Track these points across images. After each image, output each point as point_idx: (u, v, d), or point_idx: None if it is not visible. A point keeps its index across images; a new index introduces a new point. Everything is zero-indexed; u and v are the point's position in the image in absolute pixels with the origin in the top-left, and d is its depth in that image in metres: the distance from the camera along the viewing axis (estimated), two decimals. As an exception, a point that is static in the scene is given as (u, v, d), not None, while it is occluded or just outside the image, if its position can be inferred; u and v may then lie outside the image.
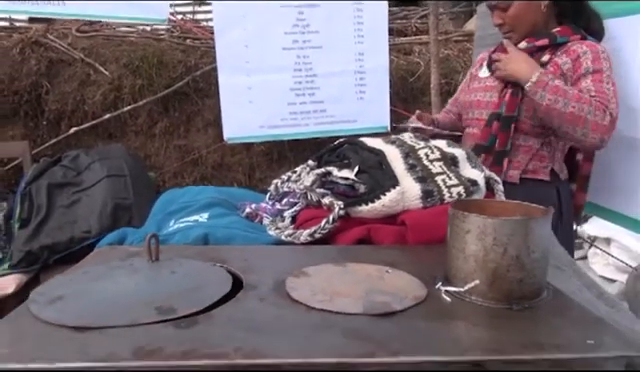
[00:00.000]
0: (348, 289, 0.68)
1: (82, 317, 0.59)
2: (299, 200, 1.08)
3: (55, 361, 0.52)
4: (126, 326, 0.58)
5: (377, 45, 2.50)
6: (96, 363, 0.51)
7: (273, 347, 0.54)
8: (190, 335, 0.57)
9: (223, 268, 0.75)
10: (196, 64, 2.71)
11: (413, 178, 0.98)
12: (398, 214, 0.96)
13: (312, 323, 0.60)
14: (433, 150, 1.05)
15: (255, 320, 0.60)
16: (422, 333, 0.58)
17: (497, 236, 0.64)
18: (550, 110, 1.29)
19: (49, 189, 2.21)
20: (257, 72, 2.45)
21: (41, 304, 0.63)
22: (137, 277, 0.71)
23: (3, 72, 2.57)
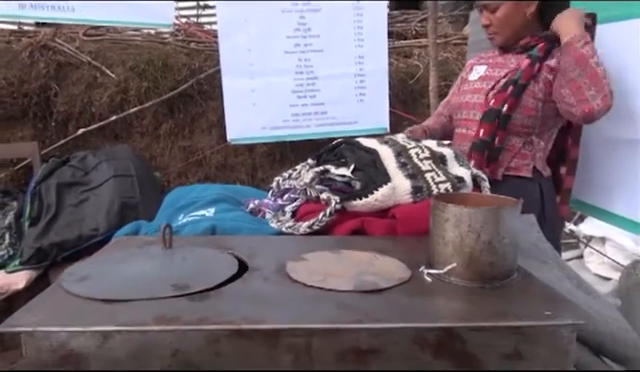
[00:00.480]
0: (341, 271, 0.78)
1: (108, 292, 0.70)
2: (299, 196, 1.18)
3: (89, 325, 0.62)
4: (147, 299, 0.68)
5: (377, 48, 2.60)
6: (124, 327, 0.61)
7: (274, 316, 0.64)
8: (203, 307, 0.67)
9: (230, 254, 0.85)
10: (200, 67, 2.81)
11: (404, 175, 1.08)
12: (390, 208, 1.06)
13: (308, 297, 0.70)
14: (423, 149, 1.15)
15: (259, 295, 0.70)
16: (404, 306, 0.68)
17: (471, 224, 0.74)
18: (584, 59, 1.36)
19: (58, 188, 2.31)
20: (260, 75, 2.56)
21: (71, 282, 0.73)
22: (153, 261, 0.82)
23: (13, 75, 2.68)
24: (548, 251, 1.33)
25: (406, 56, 3.06)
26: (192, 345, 0.62)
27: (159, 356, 0.62)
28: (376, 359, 0.64)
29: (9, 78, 2.67)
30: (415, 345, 0.63)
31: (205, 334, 0.62)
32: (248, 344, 0.62)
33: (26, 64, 2.71)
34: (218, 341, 0.62)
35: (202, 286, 0.72)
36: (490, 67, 1.60)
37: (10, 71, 2.69)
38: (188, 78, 2.78)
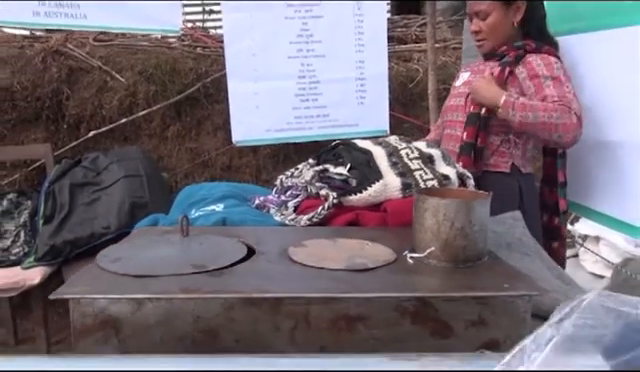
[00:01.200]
0: (335, 255, 0.93)
1: (138, 269, 0.85)
2: (301, 192, 1.33)
3: (125, 293, 0.77)
4: (172, 275, 0.83)
5: (377, 54, 2.75)
6: (154, 295, 0.76)
7: (277, 288, 0.79)
8: (218, 281, 0.82)
9: (239, 241, 1.00)
10: (206, 71, 2.96)
11: (395, 173, 1.23)
12: (381, 202, 1.21)
13: (306, 275, 0.84)
14: (413, 150, 1.30)
15: (264, 273, 0.85)
16: (387, 281, 0.83)
17: (446, 213, 0.89)
18: (523, 125, 1.52)
19: (71, 188, 2.46)
20: (264, 79, 2.71)
21: (106, 262, 0.88)
22: (174, 247, 0.97)
23: (26, 79, 2.84)
24: (531, 245, 1.48)
25: (406, 60, 3.21)
26: (210, 312, 0.77)
27: (183, 321, 0.77)
28: (363, 324, 0.78)
29: (23, 82, 2.83)
30: (396, 312, 0.78)
31: (221, 302, 0.77)
32: (256, 311, 0.77)
33: (39, 69, 2.87)
34: (232, 308, 0.77)
35: (217, 266, 0.86)
36: (473, 73, 1.75)
37: (24, 75, 2.85)
38: (195, 82, 2.93)
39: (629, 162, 1.74)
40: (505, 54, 1.67)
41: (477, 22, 1.69)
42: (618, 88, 1.72)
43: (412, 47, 3.25)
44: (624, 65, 1.67)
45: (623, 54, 1.66)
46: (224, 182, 1.72)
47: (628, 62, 1.65)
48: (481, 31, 1.69)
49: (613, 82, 1.74)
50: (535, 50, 1.65)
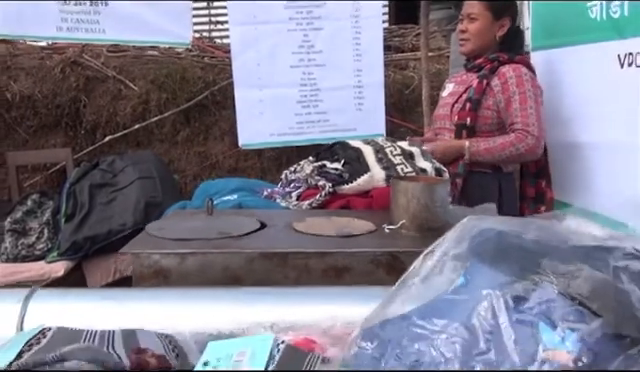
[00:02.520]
0: (329, 227, 1.25)
1: (179, 235, 1.17)
2: (302, 184, 1.66)
3: (172, 249, 1.09)
4: (204, 239, 1.15)
5: (373, 63, 3.09)
6: (194, 250, 1.08)
7: (284, 246, 1.11)
8: (240, 242, 1.14)
9: (254, 218, 1.32)
10: (214, 80, 3.31)
11: (380, 167, 1.56)
12: (369, 191, 1.53)
13: (306, 239, 1.17)
14: (396, 148, 1.62)
15: (275, 237, 1.18)
16: (367, 243, 1.15)
17: (413, 193, 1.21)
18: (492, 162, 1.91)
19: (90, 189, 2.79)
20: (268, 87, 3.06)
21: (154, 231, 1.21)
22: (203, 221, 1.29)
23: (47, 88, 3.20)
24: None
25: (402, 68, 3.54)
26: (235, 263, 1.09)
27: (214, 271, 1.09)
28: (348, 274, 1.10)
29: (43, 91, 3.19)
30: (372, 264, 1.10)
31: (243, 256, 1.09)
32: (269, 263, 1.09)
33: (58, 79, 3.22)
34: (251, 261, 1.09)
35: (238, 233, 1.19)
36: (456, 84, 2.08)
37: (44, 85, 3.20)
38: (203, 90, 3.28)
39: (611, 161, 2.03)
40: (482, 67, 2.00)
41: (466, 23, 2.03)
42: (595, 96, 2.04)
43: (408, 55, 3.59)
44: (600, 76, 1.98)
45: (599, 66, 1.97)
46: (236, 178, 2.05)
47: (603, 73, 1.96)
48: (467, 31, 2.03)
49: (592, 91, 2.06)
50: (508, 61, 1.98)
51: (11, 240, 2.83)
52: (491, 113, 1.96)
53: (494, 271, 0.55)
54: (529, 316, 0.49)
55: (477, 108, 1.95)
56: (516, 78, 1.93)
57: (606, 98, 1.98)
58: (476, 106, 1.95)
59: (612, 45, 1.88)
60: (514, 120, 1.91)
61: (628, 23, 1.81)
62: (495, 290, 0.52)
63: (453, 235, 0.65)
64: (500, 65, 1.98)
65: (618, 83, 1.88)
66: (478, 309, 0.52)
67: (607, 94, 1.97)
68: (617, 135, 1.94)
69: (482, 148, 1.90)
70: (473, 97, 1.95)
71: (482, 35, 2.01)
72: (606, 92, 1.97)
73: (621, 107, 1.88)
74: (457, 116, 1.98)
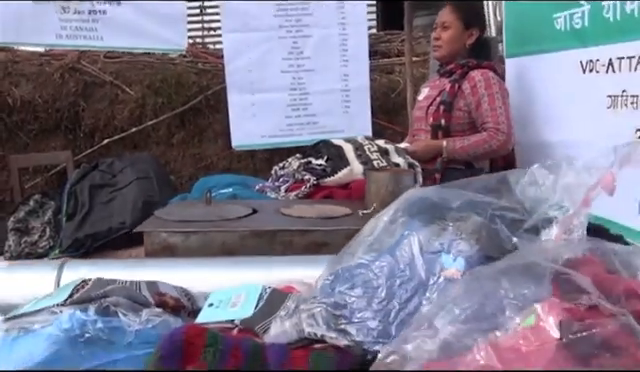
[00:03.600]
0: (311, 211, 1.51)
1: (181, 218, 1.42)
2: (290, 179, 1.92)
3: (178, 228, 1.34)
4: (205, 221, 1.41)
5: (359, 68, 3.37)
6: (196, 229, 1.34)
7: (273, 226, 1.37)
8: (235, 223, 1.40)
9: (247, 206, 1.58)
10: (207, 84, 3.57)
11: (359, 162, 1.82)
12: (349, 183, 1.79)
13: (291, 220, 1.43)
14: (373, 145, 1.89)
15: (265, 219, 1.43)
16: (342, 222, 1.41)
17: (383, 182, 1.47)
18: (467, 159, 2.17)
19: (90, 189, 3.02)
20: (260, 91, 3.32)
21: (162, 214, 1.46)
22: (202, 209, 1.55)
23: (47, 93, 3.45)
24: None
25: (389, 72, 3.82)
26: (231, 240, 1.34)
27: (213, 246, 1.34)
28: (326, 248, 1.35)
29: (44, 96, 3.44)
30: (346, 240, 1.35)
31: (238, 234, 1.35)
32: (260, 240, 1.35)
33: (58, 84, 3.47)
34: (244, 238, 1.34)
35: (233, 216, 1.44)
36: (430, 88, 2.35)
37: (44, 90, 3.45)
38: (197, 94, 3.54)
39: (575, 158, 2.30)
40: (454, 72, 2.27)
41: (440, 31, 2.31)
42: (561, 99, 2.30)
43: (394, 60, 3.86)
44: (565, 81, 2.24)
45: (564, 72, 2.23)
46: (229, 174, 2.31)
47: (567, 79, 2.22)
48: (440, 39, 2.31)
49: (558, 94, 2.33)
50: (477, 66, 2.25)
51: (14, 238, 3.06)
52: (463, 114, 2.22)
53: (416, 222, 0.81)
54: (435, 248, 0.75)
55: (450, 110, 2.22)
56: (484, 81, 2.20)
57: (570, 101, 2.25)
58: (449, 108, 2.21)
59: (575, 53, 2.14)
60: (485, 120, 2.17)
61: (589, 33, 2.07)
62: (412, 232, 0.78)
63: (397, 202, 0.90)
64: (470, 70, 2.25)
65: (581, 88, 2.14)
66: (401, 245, 0.77)
67: (571, 98, 2.24)
68: (581, 135, 2.21)
69: (458, 147, 2.17)
70: (446, 100, 2.22)
71: (453, 42, 2.28)
72: (570, 96, 2.24)
73: (584, 109, 2.14)
74: (432, 118, 2.25)
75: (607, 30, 1.90)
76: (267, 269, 1.17)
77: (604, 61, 1.93)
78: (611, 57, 1.89)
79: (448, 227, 0.77)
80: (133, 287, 0.96)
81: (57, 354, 0.84)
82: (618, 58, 1.86)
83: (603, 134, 1.92)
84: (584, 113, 2.15)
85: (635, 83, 1.80)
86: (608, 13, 1.88)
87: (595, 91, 1.99)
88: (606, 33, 1.91)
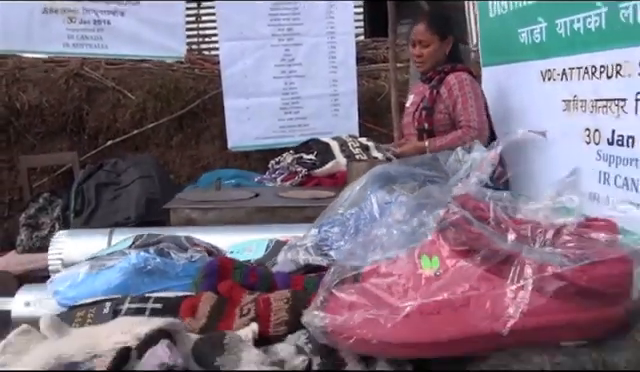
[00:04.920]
0: (304, 195, 1.97)
1: (199, 198, 1.88)
2: (285, 171, 2.37)
3: (198, 205, 1.79)
4: (218, 201, 1.86)
5: (347, 74, 3.85)
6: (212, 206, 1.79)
7: (272, 203, 1.83)
8: (242, 203, 1.86)
9: (250, 191, 2.04)
10: (204, 89, 4.02)
11: (343, 156, 2.29)
12: (335, 173, 2.25)
13: (288, 200, 1.89)
14: (356, 142, 2.36)
15: (265, 200, 1.89)
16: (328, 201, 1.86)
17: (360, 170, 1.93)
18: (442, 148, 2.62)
19: (96, 188, 3.46)
20: (254, 96, 3.79)
21: (184, 195, 1.91)
22: (213, 194, 2.00)
23: (53, 98, 3.87)
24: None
25: (375, 77, 4.29)
26: (240, 215, 1.80)
27: (225, 220, 1.79)
28: (316, 221, 1.81)
29: (50, 100, 3.86)
30: (332, 215, 1.81)
31: (245, 210, 1.81)
32: (264, 214, 1.80)
33: (63, 89, 3.90)
34: (251, 213, 1.80)
35: (238, 198, 1.90)
36: (415, 95, 2.80)
37: (50, 95, 3.88)
38: (194, 99, 3.98)
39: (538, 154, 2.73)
40: (432, 78, 2.73)
41: (420, 49, 2.74)
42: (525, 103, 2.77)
43: (380, 66, 4.34)
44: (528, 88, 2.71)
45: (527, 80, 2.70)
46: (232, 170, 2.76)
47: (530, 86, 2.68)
48: (422, 56, 2.74)
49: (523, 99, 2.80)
50: (452, 70, 2.70)
51: (26, 233, 3.50)
52: (443, 116, 2.66)
53: (376, 186, 1.26)
54: (386, 201, 1.20)
55: (432, 114, 2.66)
56: (458, 84, 2.63)
57: (533, 104, 2.72)
58: (430, 112, 2.65)
59: (536, 64, 2.60)
60: (459, 118, 2.61)
61: (546, 47, 2.53)
62: (373, 193, 1.23)
63: (366, 176, 1.36)
64: (446, 75, 2.69)
65: (541, 93, 2.60)
66: (366, 201, 1.22)
67: (534, 102, 2.70)
68: (541, 134, 2.69)
69: (437, 145, 2.58)
70: (427, 105, 2.67)
71: (435, 55, 2.71)
72: (533, 100, 2.71)
73: (544, 112, 2.60)
74: (417, 122, 2.69)
75: (560, 44, 2.35)
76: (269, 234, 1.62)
77: (559, 71, 2.38)
78: (564, 67, 2.33)
79: (395, 189, 1.22)
80: (174, 238, 1.40)
81: (127, 282, 1.28)
82: (570, 68, 2.30)
83: (559, 133, 2.38)
84: (544, 115, 2.61)
85: (583, 90, 2.22)
86: (561, 30, 2.33)
87: (552, 96, 2.43)
88: (560, 47, 2.36)
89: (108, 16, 3.74)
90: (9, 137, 3.82)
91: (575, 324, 0.75)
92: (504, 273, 0.77)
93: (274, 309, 1.02)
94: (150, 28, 3.76)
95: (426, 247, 0.87)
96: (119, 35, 3.72)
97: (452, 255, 0.82)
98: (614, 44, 1.87)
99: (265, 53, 3.79)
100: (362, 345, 0.79)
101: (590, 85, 2.04)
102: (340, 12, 3.83)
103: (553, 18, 2.30)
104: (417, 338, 0.77)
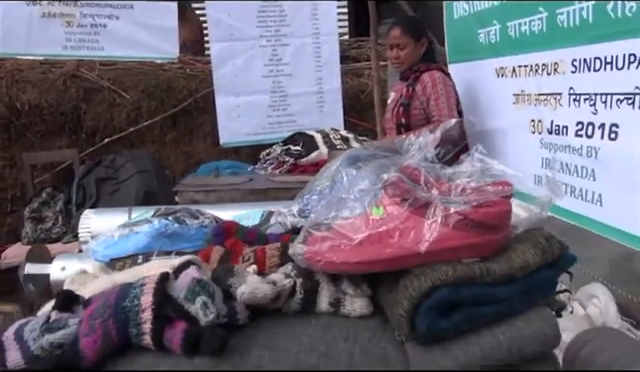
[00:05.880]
0: (291, 179, 2.41)
1: (203, 182, 2.31)
2: (274, 161, 2.82)
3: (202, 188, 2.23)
4: (220, 184, 2.30)
5: (331, 73, 4.30)
6: (214, 188, 2.23)
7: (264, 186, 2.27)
8: (238, 186, 2.30)
9: (246, 177, 2.48)
10: (196, 88, 4.45)
11: (326, 147, 2.73)
12: (318, 162, 2.70)
13: (277, 183, 2.33)
14: (337, 134, 2.81)
15: (258, 183, 2.34)
16: (312, 184, 2.31)
17: (340, 156, 2.37)
18: None
19: (96, 182, 3.88)
20: (244, 94, 4.22)
21: (186, 181, 2.35)
22: (212, 180, 2.43)
23: (51, 98, 4.28)
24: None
25: (359, 75, 4.75)
26: (237, 196, 2.24)
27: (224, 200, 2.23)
28: (302, 201, 2.25)
29: (48, 100, 4.27)
30: (315, 195, 2.25)
31: (240, 192, 2.25)
32: (257, 195, 2.25)
33: (60, 90, 4.31)
34: (246, 194, 2.24)
35: (235, 182, 2.34)
36: (395, 92, 3.24)
37: (49, 95, 4.28)
38: (187, 97, 4.41)
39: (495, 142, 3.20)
40: (409, 77, 3.16)
41: (397, 51, 3.18)
42: (483, 97, 3.23)
43: (364, 65, 4.79)
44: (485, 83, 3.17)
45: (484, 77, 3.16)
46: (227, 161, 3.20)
47: (486, 82, 3.14)
48: (399, 58, 3.18)
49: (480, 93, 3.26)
50: (426, 69, 3.13)
51: (31, 226, 3.92)
52: (419, 112, 3.09)
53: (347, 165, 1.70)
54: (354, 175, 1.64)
55: (408, 110, 3.09)
56: (431, 82, 3.06)
57: (489, 98, 3.18)
58: (407, 109, 3.09)
59: (491, 62, 3.08)
60: (432, 114, 3.05)
61: (499, 46, 2.99)
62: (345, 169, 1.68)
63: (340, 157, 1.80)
64: (421, 74, 3.13)
65: (495, 88, 3.06)
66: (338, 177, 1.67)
67: (490, 96, 3.17)
68: (495, 124, 3.13)
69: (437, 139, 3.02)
70: (404, 102, 3.11)
71: (411, 56, 3.14)
72: (489, 94, 3.17)
73: (498, 105, 3.06)
74: (395, 118, 3.14)
75: (511, 44, 2.82)
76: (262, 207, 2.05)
77: (510, 68, 2.85)
78: (514, 65, 2.80)
79: (361, 165, 1.67)
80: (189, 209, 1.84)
81: (151, 243, 1.71)
82: (519, 66, 2.77)
83: (509, 123, 2.84)
84: (498, 108, 3.06)
85: (529, 85, 2.69)
86: (511, 31, 2.79)
87: (505, 91, 2.91)
88: (510, 47, 2.83)
89: (104, 20, 4.16)
90: (10, 136, 4.23)
91: (470, 246, 1.18)
92: (423, 213, 1.20)
93: (268, 256, 1.46)
94: (144, 31, 4.19)
95: (374, 201, 1.31)
96: (115, 38, 4.15)
97: (391, 203, 1.25)
98: (552, 45, 2.33)
99: (254, 53, 4.23)
100: (329, 265, 1.21)
101: (534, 81, 2.50)
102: (324, 14, 4.28)
103: (505, 20, 2.76)
104: (366, 258, 1.20)
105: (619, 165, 2.05)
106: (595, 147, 2.14)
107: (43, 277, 1.81)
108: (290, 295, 1.27)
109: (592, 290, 3.01)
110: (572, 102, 2.21)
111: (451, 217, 1.20)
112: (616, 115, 2.05)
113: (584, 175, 2.21)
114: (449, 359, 1.12)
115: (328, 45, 4.29)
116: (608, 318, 2.86)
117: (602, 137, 2.10)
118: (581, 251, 3.70)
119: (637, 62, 1.94)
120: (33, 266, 1.84)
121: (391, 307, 1.19)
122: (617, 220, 2.12)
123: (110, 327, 1.09)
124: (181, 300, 1.16)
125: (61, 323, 1.12)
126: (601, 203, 2.16)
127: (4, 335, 1.12)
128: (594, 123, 2.13)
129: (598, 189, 2.16)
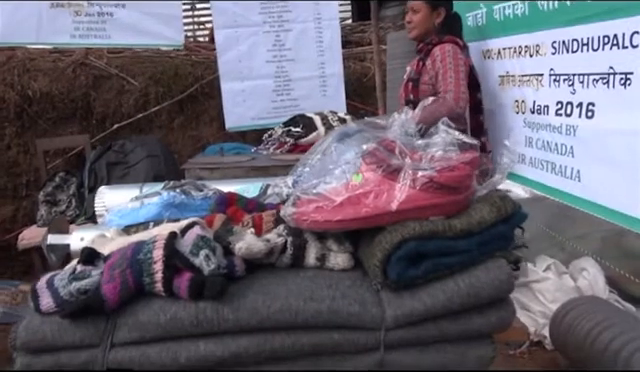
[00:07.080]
0: (291, 158, 2.66)
1: (207, 161, 2.56)
2: (276, 142, 3.06)
3: (206, 165, 2.48)
4: (223, 162, 2.54)
5: (334, 57, 4.51)
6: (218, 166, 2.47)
7: (266, 164, 2.51)
8: (241, 163, 2.54)
9: (248, 156, 2.72)
10: (202, 75, 4.69)
11: (324, 127, 2.96)
12: (317, 142, 2.93)
13: (277, 160, 2.58)
14: (335, 116, 3.04)
15: (260, 161, 2.58)
16: (310, 162, 2.56)
17: (336, 135, 2.61)
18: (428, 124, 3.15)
19: (107, 166, 4.13)
20: (249, 79, 4.46)
21: (194, 160, 2.60)
22: (218, 159, 2.68)
23: (62, 86, 4.55)
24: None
25: (361, 60, 4.96)
26: (240, 173, 2.49)
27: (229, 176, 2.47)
28: (300, 177, 2.49)
29: (60, 88, 4.54)
30: (312, 171, 2.50)
31: (244, 169, 2.49)
32: (259, 172, 2.50)
33: (71, 78, 4.58)
34: (249, 171, 2.48)
35: (239, 160, 2.58)
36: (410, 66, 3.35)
37: (60, 83, 4.55)
38: (193, 83, 4.65)
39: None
40: (422, 51, 3.31)
41: (410, 15, 3.29)
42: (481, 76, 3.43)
43: (366, 49, 5.01)
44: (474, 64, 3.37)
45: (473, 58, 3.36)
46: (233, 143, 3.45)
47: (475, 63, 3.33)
48: (412, 22, 3.29)
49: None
50: (438, 42, 3.21)
51: (46, 209, 4.20)
52: (428, 87, 3.11)
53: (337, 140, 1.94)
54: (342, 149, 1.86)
55: (417, 85, 3.13)
56: (441, 55, 3.07)
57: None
58: (416, 84, 3.14)
59: (479, 44, 3.26)
60: (439, 89, 3.13)
61: (486, 29, 3.18)
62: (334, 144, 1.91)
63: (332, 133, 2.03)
64: (433, 47, 3.24)
65: (483, 70, 3.24)
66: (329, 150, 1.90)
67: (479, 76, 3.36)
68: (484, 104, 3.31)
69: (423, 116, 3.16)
70: (413, 77, 3.21)
71: (423, 23, 3.15)
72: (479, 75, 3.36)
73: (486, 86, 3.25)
74: (404, 93, 3.30)
75: (496, 27, 3.00)
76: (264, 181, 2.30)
77: (496, 51, 3.04)
78: (499, 48, 2.98)
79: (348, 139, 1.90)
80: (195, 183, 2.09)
81: (161, 212, 1.96)
82: (503, 48, 2.95)
83: (496, 103, 3.04)
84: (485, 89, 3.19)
85: (513, 67, 2.86)
86: (496, 15, 2.97)
87: (491, 72, 3.09)
88: (495, 30, 3.01)
89: (111, 9, 4.40)
90: (23, 123, 4.50)
91: (435, 206, 1.41)
92: (395, 178, 1.43)
93: (265, 221, 1.70)
94: (150, 19, 4.42)
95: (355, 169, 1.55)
96: (121, 26, 4.39)
97: (368, 170, 1.49)
98: (534, 28, 2.53)
99: (258, 39, 4.46)
100: (314, 224, 1.45)
101: (518, 63, 2.71)
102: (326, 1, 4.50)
103: (491, 4, 2.95)
104: (346, 217, 1.43)
105: (595, 142, 2.25)
106: (574, 125, 2.34)
107: (64, 247, 2.07)
108: (282, 251, 1.50)
109: (582, 264, 3.23)
110: (552, 82, 2.42)
111: (418, 180, 1.43)
112: (592, 94, 2.24)
113: (564, 152, 2.41)
114: (417, 302, 1.36)
115: (330, 30, 4.50)
116: (596, 289, 3.08)
117: (580, 116, 2.30)
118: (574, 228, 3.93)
119: (611, 43, 2.14)
120: (54, 237, 2.09)
121: (368, 259, 1.43)
122: (594, 195, 2.30)
123: (127, 276, 1.34)
124: (187, 254, 1.40)
125: (86, 273, 1.37)
126: (579, 179, 2.36)
127: (37, 284, 1.38)
128: (572, 102, 2.34)
129: (577, 165, 2.36)
